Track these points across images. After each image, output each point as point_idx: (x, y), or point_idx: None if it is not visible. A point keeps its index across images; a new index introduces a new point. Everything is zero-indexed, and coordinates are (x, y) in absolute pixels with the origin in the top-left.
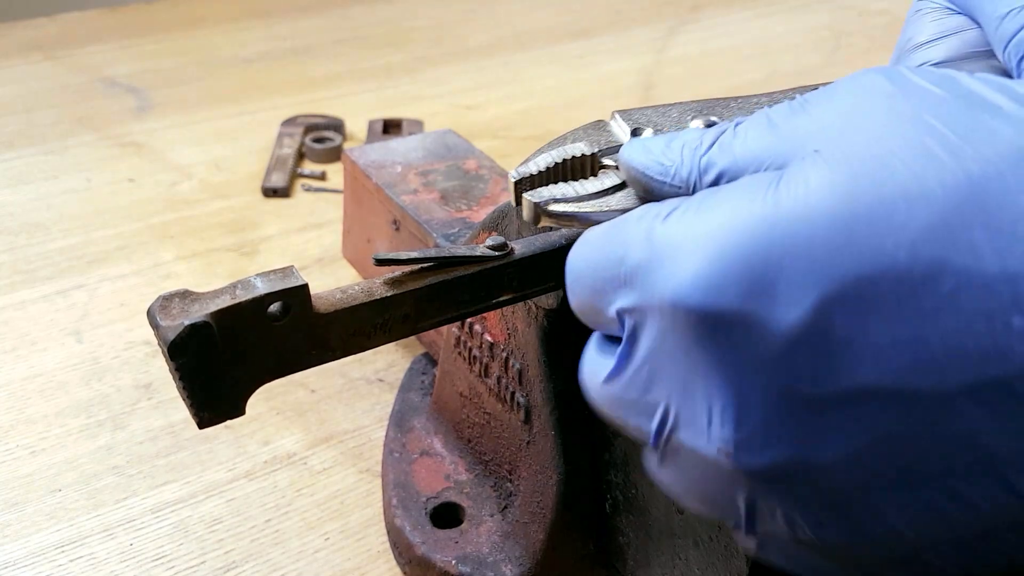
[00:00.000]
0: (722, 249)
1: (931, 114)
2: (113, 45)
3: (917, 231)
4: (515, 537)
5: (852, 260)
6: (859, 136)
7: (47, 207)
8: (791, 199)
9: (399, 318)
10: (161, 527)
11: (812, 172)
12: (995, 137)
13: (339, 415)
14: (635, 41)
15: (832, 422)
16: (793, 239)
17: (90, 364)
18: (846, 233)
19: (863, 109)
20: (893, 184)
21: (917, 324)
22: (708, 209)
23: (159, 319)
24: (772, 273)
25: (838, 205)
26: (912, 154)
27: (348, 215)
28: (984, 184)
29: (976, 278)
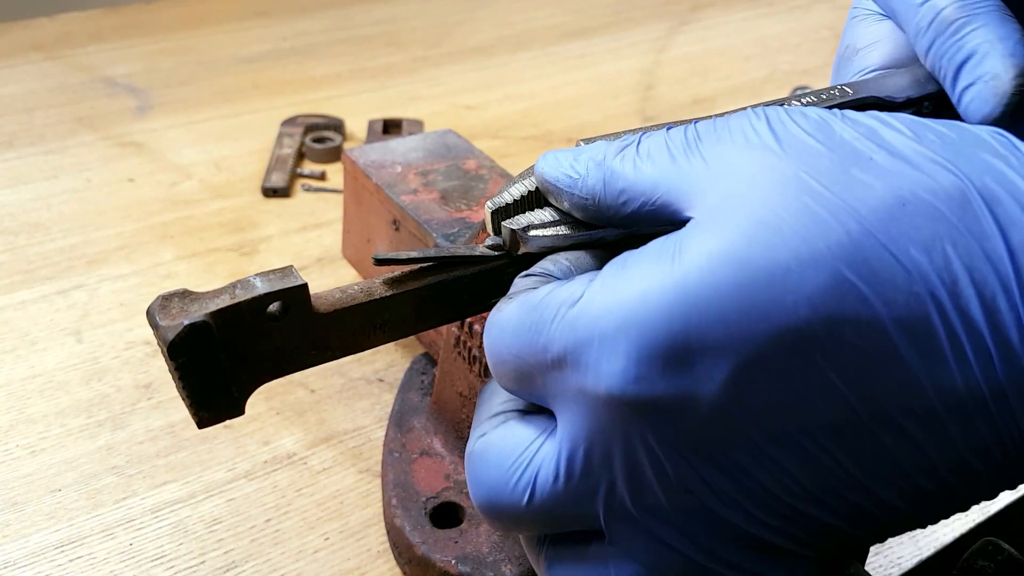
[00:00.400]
0: (643, 335)
1: (810, 172)
2: (113, 45)
3: (809, 288)
4: (515, 537)
5: (757, 322)
6: (747, 198)
7: (47, 207)
8: (697, 274)
9: (399, 318)
10: (161, 527)
11: (711, 241)
12: (868, 192)
13: (339, 415)
14: (635, 41)
15: (758, 463)
16: (704, 315)
17: (90, 364)
18: (750, 297)
19: (748, 165)
20: (785, 248)
21: (825, 371)
22: (619, 290)
23: (159, 319)
24: (691, 351)
25: (739, 274)
26: (798, 217)
27: (348, 215)
28: (862, 241)
29: (870, 326)
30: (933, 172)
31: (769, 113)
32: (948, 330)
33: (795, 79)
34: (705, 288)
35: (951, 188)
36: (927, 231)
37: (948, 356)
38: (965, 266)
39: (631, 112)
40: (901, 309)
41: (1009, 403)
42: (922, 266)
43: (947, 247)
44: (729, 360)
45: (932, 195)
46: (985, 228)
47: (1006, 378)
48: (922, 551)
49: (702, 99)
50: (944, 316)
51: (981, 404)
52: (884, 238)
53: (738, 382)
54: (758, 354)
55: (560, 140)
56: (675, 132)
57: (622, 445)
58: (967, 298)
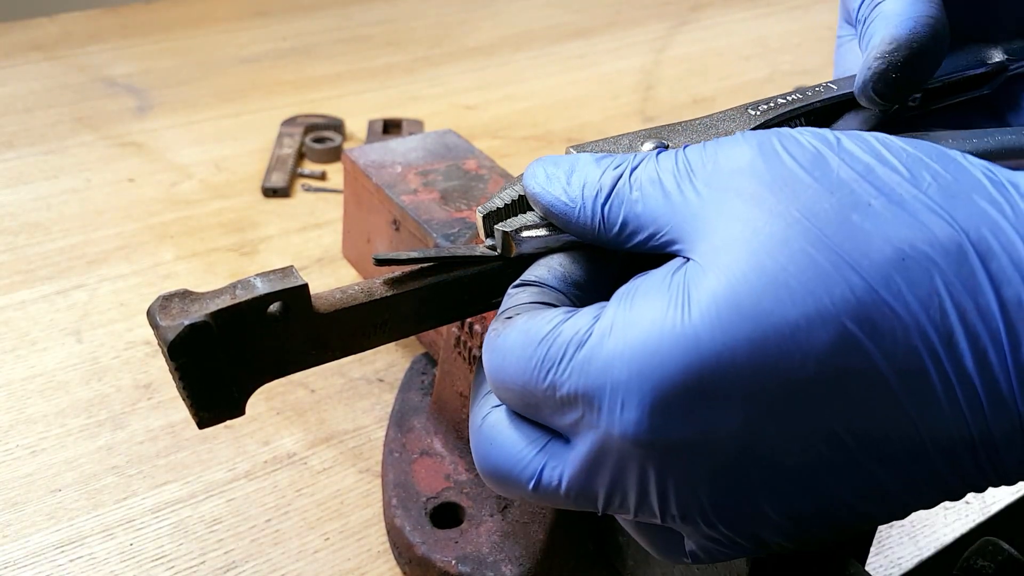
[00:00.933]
0: (661, 387)
1: (810, 217)
2: (113, 45)
3: (818, 345)
4: (515, 537)
5: (768, 376)
6: (750, 244)
7: (47, 207)
8: (708, 326)
9: (399, 318)
10: (161, 527)
11: (719, 289)
12: (869, 244)
13: (339, 415)
14: (635, 41)
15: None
16: (717, 366)
17: (90, 364)
18: (762, 352)
19: (745, 205)
20: (793, 305)
21: (830, 418)
22: (630, 334)
23: (159, 319)
24: (705, 401)
25: (751, 330)
26: (803, 270)
27: (348, 215)
28: (865, 296)
29: (873, 379)
30: (931, 223)
31: (762, 143)
32: (943, 381)
33: (795, 79)
34: (717, 342)
35: (948, 241)
36: (925, 286)
37: (943, 405)
38: (960, 320)
39: (631, 112)
40: (900, 362)
41: (997, 449)
42: (920, 320)
43: (944, 301)
44: (741, 410)
45: (930, 247)
46: (980, 283)
47: (996, 427)
48: (922, 551)
49: (702, 99)
50: (940, 368)
51: (970, 448)
52: (885, 293)
53: (748, 429)
54: (768, 405)
55: (560, 140)
56: (666, 162)
57: (631, 476)
58: (961, 351)
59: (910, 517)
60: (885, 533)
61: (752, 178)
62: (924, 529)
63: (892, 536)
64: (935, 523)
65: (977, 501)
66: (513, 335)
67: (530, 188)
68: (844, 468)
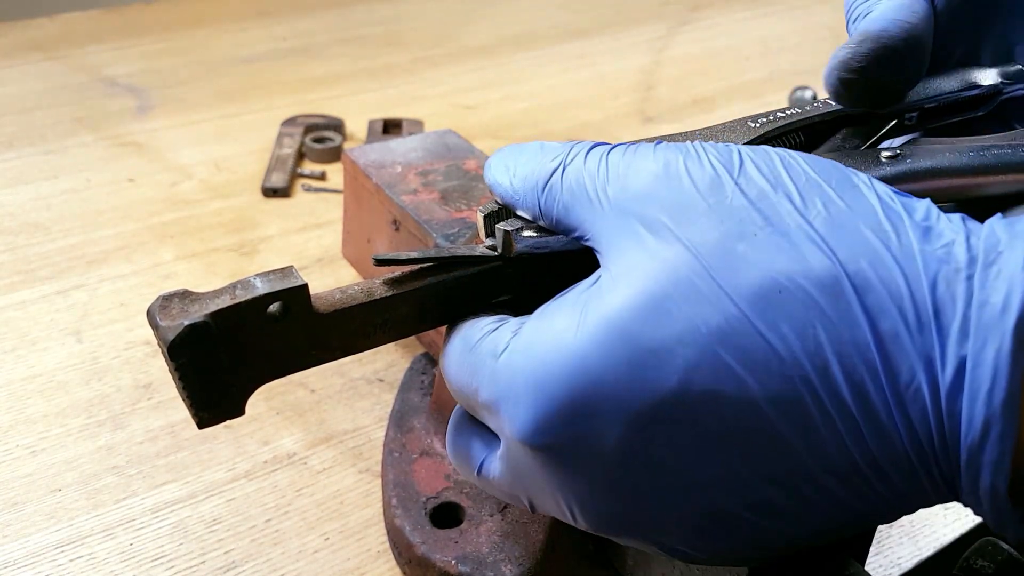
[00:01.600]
0: (548, 398)
1: (699, 248)
2: (113, 45)
3: (687, 366)
4: (515, 537)
5: (644, 393)
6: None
7: (47, 207)
8: (592, 346)
9: (399, 318)
10: (161, 527)
11: (609, 310)
12: (748, 274)
13: (339, 415)
14: (635, 41)
15: (657, 507)
16: (598, 382)
17: (90, 364)
18: (638, 372)
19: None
20: (669, 329)
21: (708, 437)
22: (532, 351)
23: (159, 319)
24: (585, 413)
25: (629, 351)
26: (685, 297)
27: (348, 215)
28: (736, 325)
29: (745, 403)
30: (810, 255)
31: (668, 162)
32: (820, 410)
33: (795, 79)
34: (598, 361)
35: (825, 275)
36: (800, 318)
37: (822, 432)
38: (835, 352)
39: (631, 112)
40: (774, 390)
41: (884, 471)
42: (795, 350)
43: (819, 333)
44: (620, 421)
45: (807, 280)
46: (855, 317)
47: (879, 452)
48: (922, 551)
49: (702, 99)
50: (816, 398)
51: (856, 470)
52: (759, 323)
53: (630, 439)
54: (644, 418)
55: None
56: (591, 164)
57: (534, 478)
58: (838, 383)
59: (910, 517)
60: (885, 533)
61: (653, 203)
62: (924, 529)
63: (892, 536)
64: (935, 523)
65: None
66: (455, 341)
67: (486, 178)
68: (731, 483)
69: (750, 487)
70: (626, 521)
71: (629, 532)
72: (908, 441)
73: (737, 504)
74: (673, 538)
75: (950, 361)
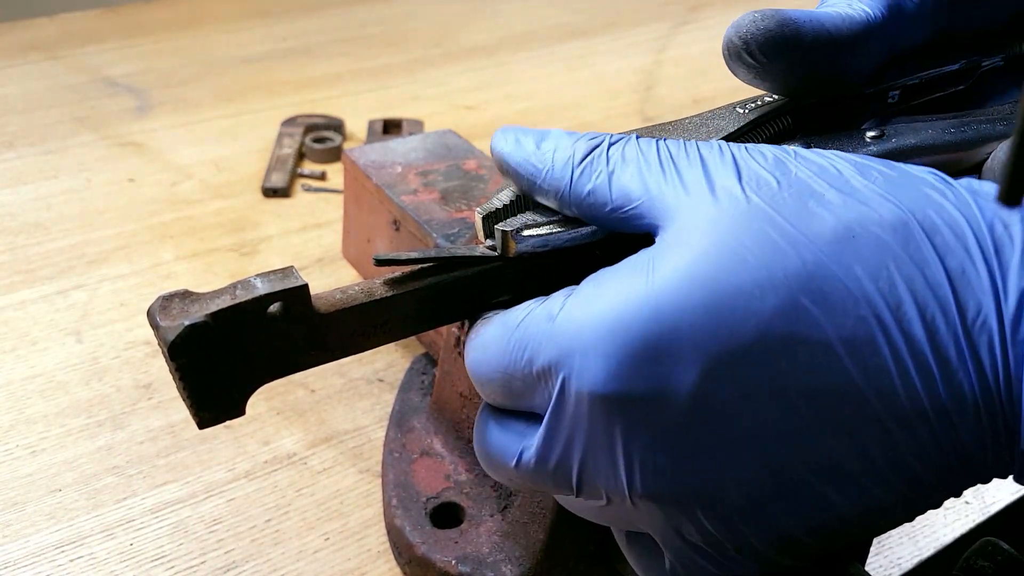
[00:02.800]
0: (622, 342)
1: (771, 205)
2: (113, 45)
3: (767, 311)
4: (515, 537)
5: (722, 338)
6: (717, 225)
7: (47, 207)
8: (670, 290)
9: (399, 318)
10: (161, 527)
11: (683, 261)
12: (822, 225)
13: (339, 415)
14: (635, 41)
15: (723, 459)
16: (675, 326)
17: (90, 364)
18: (716, 315)
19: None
20: (748, 274)
21: (780, 381)
22: (598, 303)
23: (159, 319)
24: (664, 356)
25: (708, 295)
26: (760, 246)
27: (348, 215)
28: (815, 270)
29: (821, 346)
30: (879, 206)
31: (734, 149)
32: (892, 349)
33: None
34: (677, 304)
35: (895, 220)
36: (874, 260)
37: (893, 373)
38: (908, 290)
39: (631, 112)
40: (850, 330)
41: (950, 417)
42: (869, 291)
43: (893, 273)
44: (696, 366)
45: (879, 227)
46: (926, 256)
47: (946, 394)
48: (922, 551)
49: (702, 99)
50: (888, 337)
51: (923, 416)
52: (835, 266)
53: (704, 386)
54: (721, 363)
55: None
56: (647, 148)
57: (597, 439)
58: (910, 319)
59: None
60: (885, 534)
61: (720, 173)
62: (924, 529)
63: (892, 536)
64: (935, 523)
65: (977, 501)
66: (492, 328)
67: (498, 149)
68: (796, 434)
69: (816, 441)
70: (686, 481)
71: (685, 497)
72: (976, 379)
73: (800, 463)
74: (729, 507)
75: (1012, 292)
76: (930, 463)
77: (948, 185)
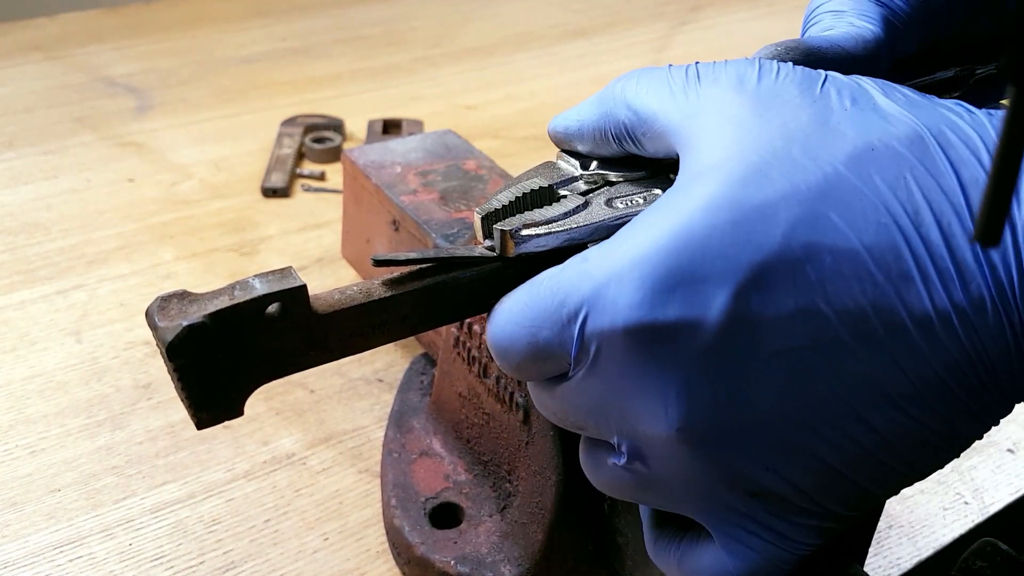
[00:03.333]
0: (654, 269)
1: (794, 121)
2: (113, 45)
3: (791, 221)
4: (514, 537)
5: (750, 252)
6: (741, 145)
7: (47, 207)
8: (699, 215)
9: (397, 319)
10: (160, 527)
11: (710, 187)
12: (842, 139)
13: (338, 415)
14: (635, 41)
15: (758, 383)
16: (704, 249)
17: (90, 364)
18: (743, 231)
19: (741, 113)
20: (771, 188)
21: (809, 293)
22: (630, 239)
23: (157, 320)
24: (696, 280)
25: (734, 213)
26: (783, 162)
27: (348, 215)
28: (835, 181)
29: (845, 252)
30: (897, 121)
31: (763, 64)
32: (913, 253)
33: None
34: (704, 227)
35: (912, 134)
36: (892, 170)
37: (915, 276)
38: (925, 198)
39: None
40: (872, 236)
41: (971, 322)
42: (888, 199)
43: (910, 183)
44: (728, 285)
45: (896, 140)
46: (940, 167)
47: (966, 298)
48: (921, 552)
49: None
50: (908, 241)
51: (946, 320)
52: (855, 178)
53: (737, 305)
54: (751, 279)
55: None
56: (676, 70)
57: (631, 375)
58: (928, 225)
59: (909, 517)
60: (884, 534)
61: (751, 88)
62: (923, 530)
63: (891, 536)
64: (934, 524)
65: (976, 501)
66: (519, 292)
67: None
68: (829, 351)
69: (850, 357)
70: (722, 412)
71: (724, 432)
72: (992, 282)
73: (837, 384)
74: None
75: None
76: (960, 376)
77: (967, 110)
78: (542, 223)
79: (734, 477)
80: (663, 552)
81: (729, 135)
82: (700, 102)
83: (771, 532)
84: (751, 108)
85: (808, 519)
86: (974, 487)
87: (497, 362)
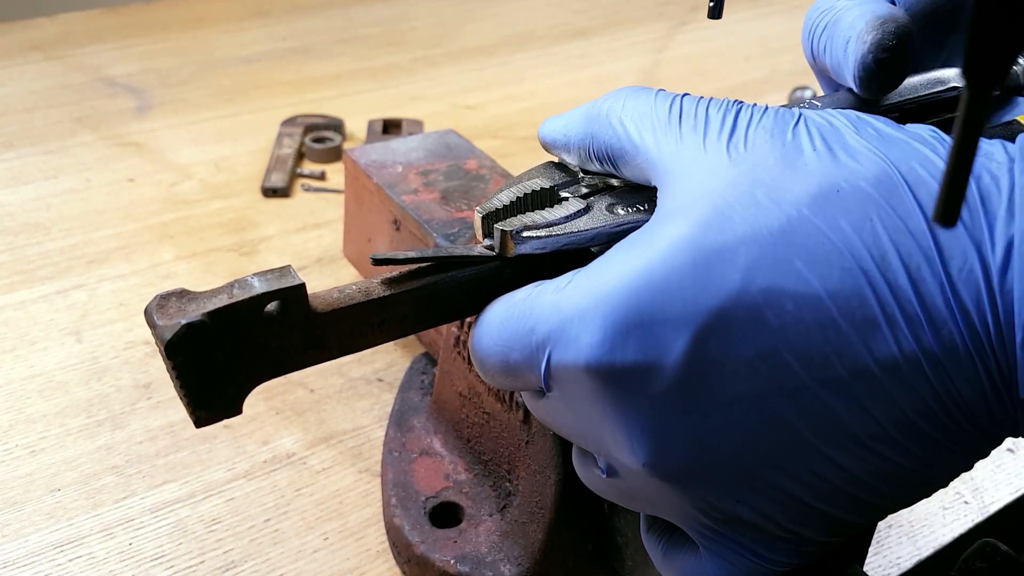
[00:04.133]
0: (615, 309)
1: (762, 166)
2: (113, 45)
3: (749, 265)
4: (514, 537)
5: (707, 296)
6: (707, 189)
7: (47, 207)
8: (659, 258)
9: (397, 318)
10: (160, 527)
11: (675, 230)
12: (808, 181)
13: (338, 415)
14: (635, 41)
15: (721, 424)
16: (663, 293)
17: (90, 364)
18: (702, 274)
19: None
20: (731, 231)
21: (770, 338)
22: (599, 276)
23: (156, 318)
24: (655, 323)
25: (694, 255)
26: (747, 207)
27: (348, 215)
28: (798, 224)
29: (806, 298)
30: (866, 159)
31: (741, 107)
32: (879, 300)
33: (795, 79)
34: (665, 268)
35: (880, 173)
36: (858, 212)
37: (882, 324)
38: (892, 241)
39: None
40: (835, 282)
41: (943, 367)
42: (853, 243)
43: (876, 225)
44: (687, 329)
45: (864, 180)
46: (908, 206)
47: (936, 344)
48: (920, 552)
49: None
50: (874, 287)
51: (916, 368)
52: (819, 220)
53: (696, 348)
54: (709, 323)
55: None
56: (661, 101)
57: (596, 413)
58: (895, 270)
59: (909, 517)
60: (884, 533)
61: (724, 136)
62: (923, 530)
63: (891, 536)
64: (933, 523)
65: (976, 502)
66: (498, 305)
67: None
68: (791, 394)
69: (812, 400)
70: (686, 449)
71: (688, 467)
72: (965, 328)
73: (800, 424)
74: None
75: (999, 241)
76: (933, 418)
77: (940, 140)
78: (543, 226)
79: (705, 507)
80: (652, 542)
81: (701, 178)
82: (678, 144)
83: (750, 551)
84: (723, 152)
85: (785, 544)
86: (974, 487)
87: (478, 372)
